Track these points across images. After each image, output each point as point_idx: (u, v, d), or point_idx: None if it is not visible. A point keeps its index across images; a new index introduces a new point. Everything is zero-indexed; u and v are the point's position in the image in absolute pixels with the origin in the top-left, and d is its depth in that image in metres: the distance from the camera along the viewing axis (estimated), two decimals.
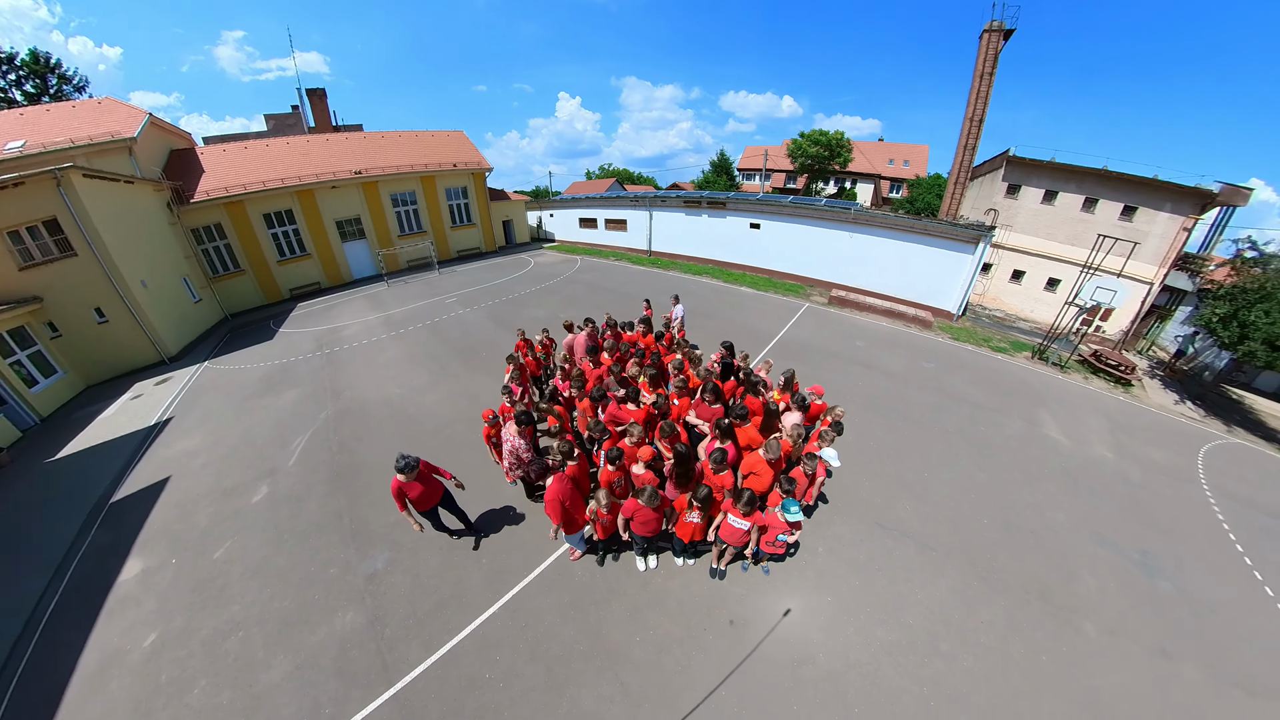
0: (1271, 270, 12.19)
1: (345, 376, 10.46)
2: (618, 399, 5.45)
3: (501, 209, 24.70)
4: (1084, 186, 16.23)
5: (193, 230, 15.67)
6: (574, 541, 4.99)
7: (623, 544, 5.19)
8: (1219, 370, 14.90)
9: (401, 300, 16.30)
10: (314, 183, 17.38)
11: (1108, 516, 7.25)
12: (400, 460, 4.41)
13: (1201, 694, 4.69)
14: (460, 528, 5.59)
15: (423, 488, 4.66)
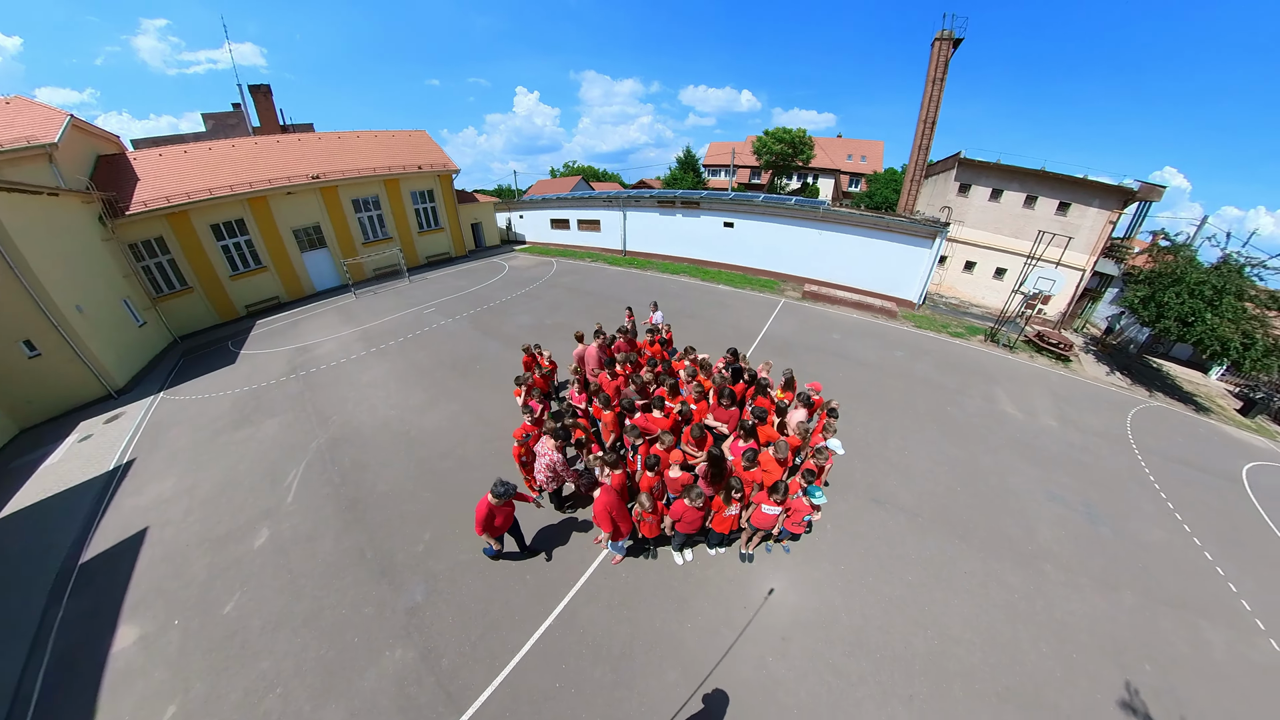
0: (1181, 258, 14.35)
1: (330, 400, 9.92)
2: (642, 408, 5.96)
3: (470, 211, 24.45)
4: (1025, 185, 18.34)
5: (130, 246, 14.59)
6: (616, 548, 5.37)
7: (654, 543, 5.69)
8: (1141, 344, 17.27)
9: (375, 312, 15.64)
10: (267, 189, 16.63)
11: (1057, 477, 8.58)
12: (499, 486, 4.47)
13: (1139, 614, 5.91)
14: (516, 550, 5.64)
15: (509, 512, 4.83)
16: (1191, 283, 13.50)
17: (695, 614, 5.18)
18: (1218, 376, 16.69)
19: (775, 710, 4.37)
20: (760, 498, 4.92)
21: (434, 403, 9.61)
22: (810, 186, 36.21)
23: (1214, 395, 15.27)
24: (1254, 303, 13.04)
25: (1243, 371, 13.81)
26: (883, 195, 26.96)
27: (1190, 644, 5.63)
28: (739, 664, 4.73)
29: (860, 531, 6.56)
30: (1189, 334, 13.46)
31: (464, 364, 11.40)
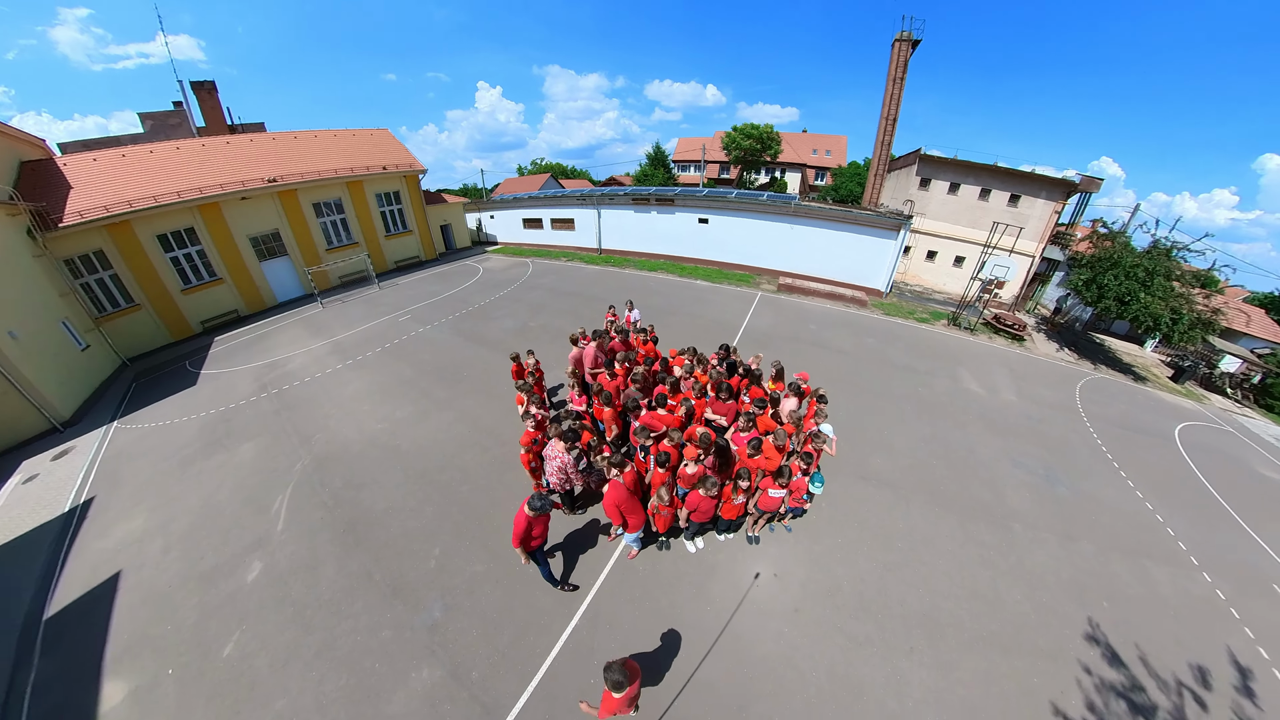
0: (1118, 243, 15.91)
1: (309, 418, 9.47)
2: (647, 406, 6.21)
3: (439, 213, 23.99)
4: (980, 179, 19.80)
5: (66, 261, 13.55)
6: (631, 541, 5.59)
7: (667, 535, 6.01)
8: (1085, 321, 18.98)
9: (346, 322, 15.09)
10: (219, 194, 15.82)
11: (1019, 446, 9.49)
12: (538, 500, 4.37)
13: (1096, 560, 6.77)
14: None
15: (546, 524, 4.82)
16: (1127, 266, 15.03)
17: (713, 598, 5.55)
18: (1152, 348, 18.56)
19: (796, 676, 4.82)
20: (766, 483, 5.32)
21: (424, 414, 9.39)
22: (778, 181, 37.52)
23: (1149, 365, 17.02)
24: (1180, 281, 14.65)
25: (1172, 343, 15.51)
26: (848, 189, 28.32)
27: (1140, 582, 6.49)
28: (760, 638, 5.16)
29: (852, 507, 7.13)
30: (1126, 311, 15.01)
31: (451, 372, 11.17)
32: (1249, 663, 5.55)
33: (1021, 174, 18.93)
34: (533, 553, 4.88)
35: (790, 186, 38.15)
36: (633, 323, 10.12)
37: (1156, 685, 5.15)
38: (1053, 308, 20.42)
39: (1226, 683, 5.27)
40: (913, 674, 4.90)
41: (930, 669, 4.96)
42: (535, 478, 6.34)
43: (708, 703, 4.52)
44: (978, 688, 4.84)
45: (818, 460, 6.08)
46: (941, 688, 4.80)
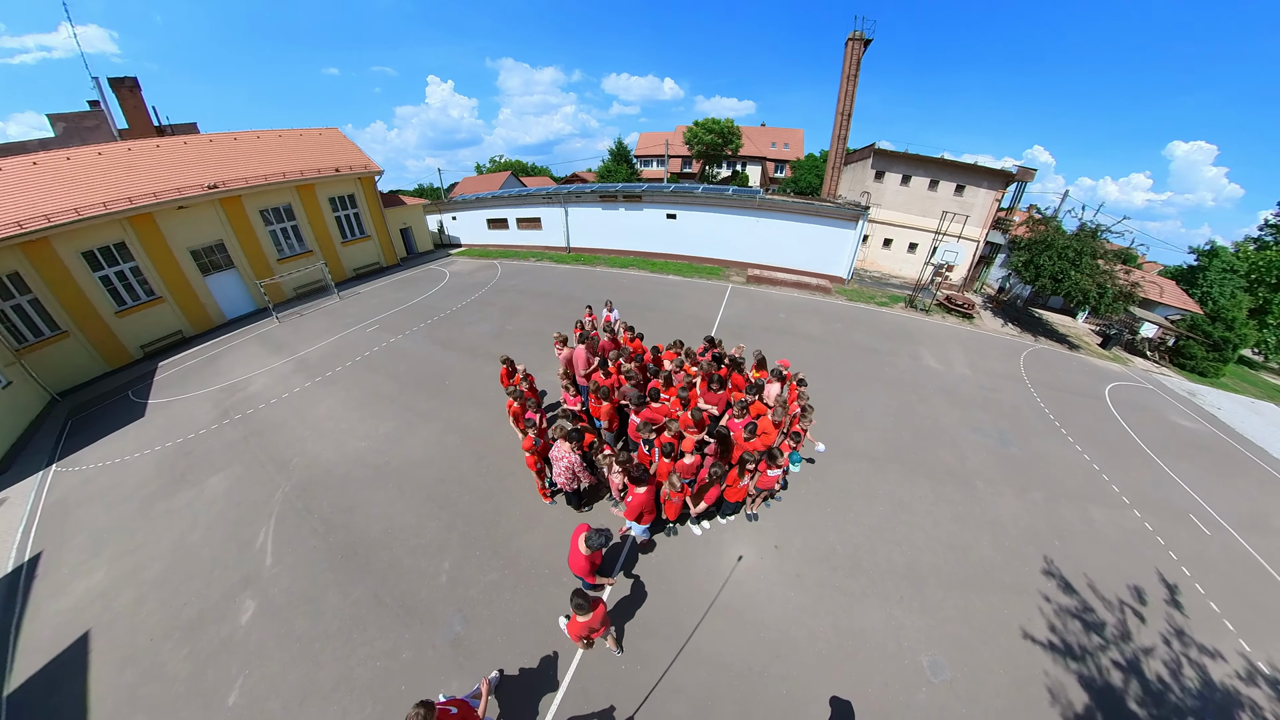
0: (1050, 227, 17.64)
1: (283, 442, 8.91)
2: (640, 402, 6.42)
3: (398, 216, 23.20)
4: (929, 171, 21.36)
5: None
6: (641, 532, 5.76)
7: (676, 522, 6.32)
8: (1025, 298, 20.87)
9: (308, 337, 14.20)
10: (152, 204, 14.65)
11: (975, 413, 10.49)
12: (596, 538, 4.28)
13: (1046, 506, 7.70)
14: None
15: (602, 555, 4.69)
16: (1059, 247, 16.73)
17: (723, 574, 5.91)
18: (1083, 320, 20.68)
19: (806, 633, 5.30)
20: (764, 464, 5.76)
21: (410, 427, 9.08)
22: (740, 174, 38.66)
23: (1081, 334, 18.97)
24: (1105, 259, 16.45)
25: (1100, 314, 17.40)
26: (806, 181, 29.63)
27: (1083, 522, 7.46)
28: (770, 604, 5.61)
29: (836, 480, 7.74)
30: (1059, 288, 16.72)
31: (431, 382, 10.86)
32: (1174, 580, 6.57)
33: (966, 166, 20.58)
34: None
35: (752, 180, 39.39)
36: (613, 321, 10.25)
37: (1103, 605, 6.02)
38: (996, 287, 22.31)
39: (1158, 598, 6.23)
40: (905, 619, 5.51)
41: (919, 613, 5.59)
42: (540, 478, 6.50)
43: (735, 669, 4.91)
44: (960, 624, 5.52)
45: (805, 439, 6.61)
46: (931, 627, 5.44)
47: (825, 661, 5.01)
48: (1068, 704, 4.86)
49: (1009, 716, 4.68)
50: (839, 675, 4.90)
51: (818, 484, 7.59)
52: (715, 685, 4.76)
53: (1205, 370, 17.35)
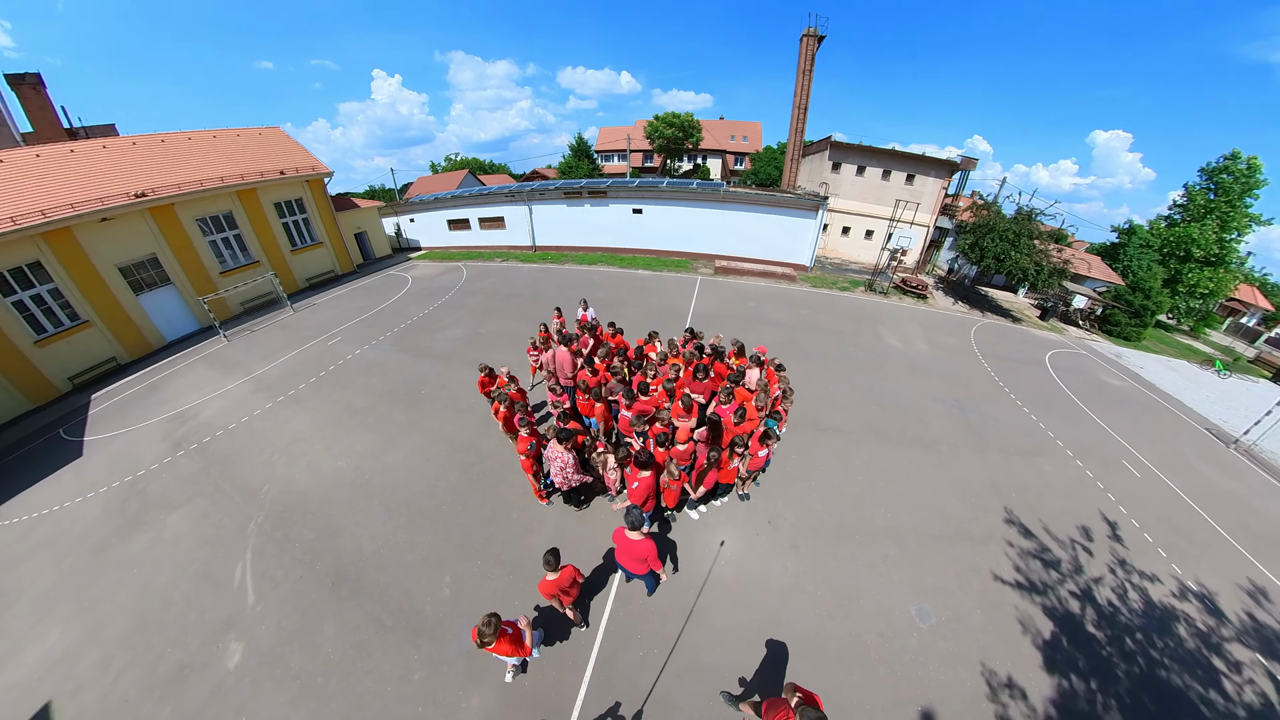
0: (991, 211, 19.08)
1: (249, 469, 8.27)
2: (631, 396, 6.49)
3: (351, 220, 22.14)
4: (882, 162, 22.57)
5: None
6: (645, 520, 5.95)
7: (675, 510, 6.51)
8: (972, 277, 22.45)
9: (263, 354, 13.17)
10: (70, 217, 13.22)
11: (934, 384, 11.30)
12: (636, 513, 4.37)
13: (1003, 463, 8.45)
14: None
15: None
16: (1000, 230, 18.15)
17: (724, 553, 6.16)
18: (1023, 295, 22.47)
19: (806, 598, 5.65)
20: (754, 447, 6.02)
21: (390, 441, 8.66)
22: (701, 167, 39.36)
23: (1022, 308, 20.64)
24: (1040, 240, 17.98)
25: (1037, 289, 18.98)
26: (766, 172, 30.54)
27: (1035, 474, 8.26)
28: (770, 574, 5.91)
29: (816, 454, 8.18)
30: (1002, 267, 18.14)
31: (407, 392, 10.35)
32: (1114, 518, 7.43)
33: (915, 156, 21.90)
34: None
35: (713, 172, 40.17)
36: (590, 319, 10.19)
37: (1057, 545, 6.72)
38: (946, 269, 23.87)
39: (1102, 535, 7.03)
40: (892, 574, 5.98)
41: (903, 568, 6.08)
42: (536, 480, 6.47)
43: (749, 639, 5.18)
44: (939, 573, 6.04)
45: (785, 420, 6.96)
46: (914, 579, 5.94)
47: (827, 621, 5.37)
48: (1036, 633, 5.44)
49: (988, 649, 5.19)
50: (841, 631, 5.27)
51: (800, 459, 7.99)
52: (731, 655, 5.00)
53: (1129, 335, 19.30)
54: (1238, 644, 5.68)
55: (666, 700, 4.64)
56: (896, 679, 4.84)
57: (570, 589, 4.41)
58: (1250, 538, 7.57)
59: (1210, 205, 20.73)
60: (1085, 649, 5.36)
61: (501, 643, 3.82)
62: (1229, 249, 20.60)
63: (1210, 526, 7.73)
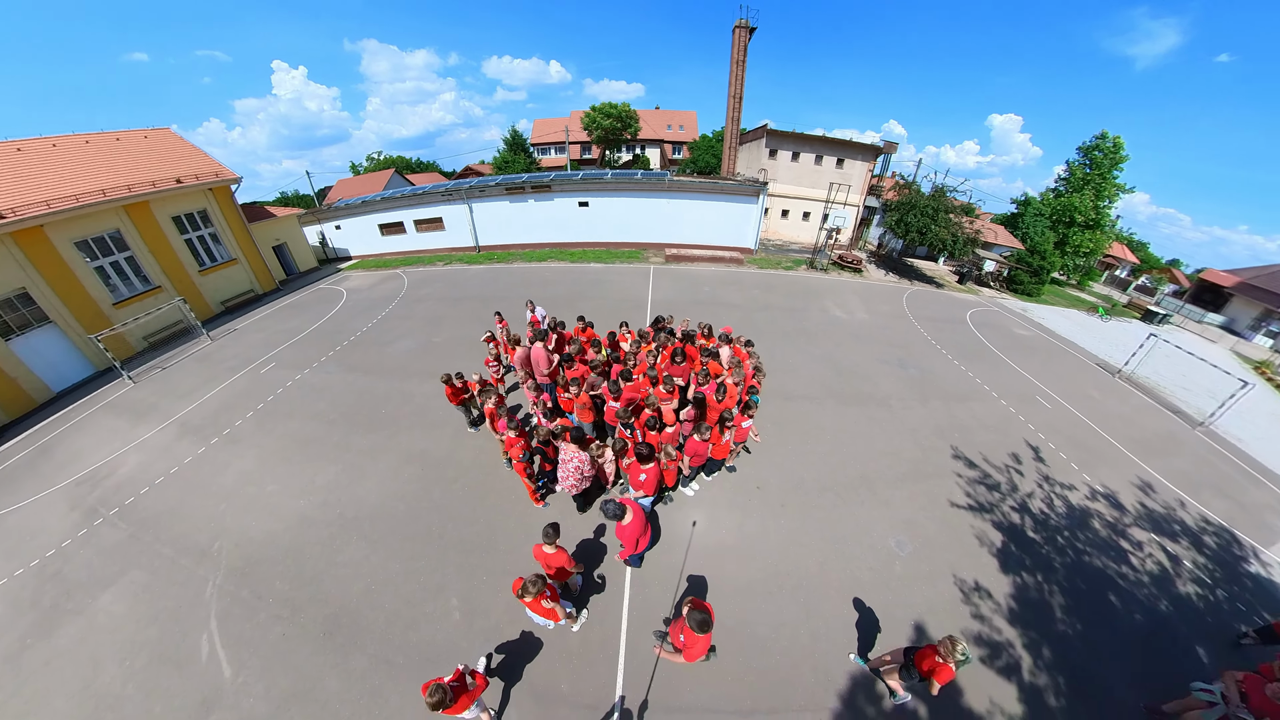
0: (912, 190, 21.07)
1: (191, 527, 7.27)
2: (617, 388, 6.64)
3: (267, 231, 20.21)
4: (814, 148, 24.11)
5: None
6: (648, 503, 5.98)
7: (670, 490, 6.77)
8: (899, 250, 24.70)
9: (181, 393, 11.42)
10: None
11: (878, 348, 12.52)
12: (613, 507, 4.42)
13: (943, 409, 9.60)
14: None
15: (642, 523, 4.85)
16: (920, 207, 20.14)
17: (722, 523, 6.62)
18: (943, 263, 25.05)
19: (802, 549, 6.25)
20: (738, 419, 6.44)
21: (357, 469, 8.03)
22: (641, 157, 39.77)
23: (943, 275, 23.04)
24: (954, 214, 20.14)
25: (954, 257, 21.26)
26: (705, 160, 31.48)
27: (970, 415, 9.53)
28: (768, 534, 6.45)
29: (788, 422, 8.89)
30: (924, 240, 20.18)
31: (365, 414, 9.63)
32: (1036, 443, 8.82)
33: (844, 142, 23.64)
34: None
35: (652, 162, 40.73)
36: (540, 320, 9.99)
37: (995, 470, 7.90)
38: (876, 244, 26.04)
39: (1029, 458, 8.34)
40: (869, 516, 6.79)
41: (877, 508, 6.91)
42: (531, 482, 6.44)
43: (757, 594, 5.66)
44: (907, 508, 6.94)
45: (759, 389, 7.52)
46: (888, 515, 6.78)
47: (824, 568, 6.01)
48: (990, 544, 6.47)
49: (956, 563, 6.13)
50: (837, 573, 5.94)
51: (775, 428, 8.63)
52: (744, 612, 5.45)
53: (1030, 291, 22.17)
54: (1137, 528, 7.10)
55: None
56: (891, 603, 5.60)
57: (558, 575, 4.55)
58: (1136, 446, 9.29)
59: (1087, 178, 24.16)
60: (1028, 550, 6.45)
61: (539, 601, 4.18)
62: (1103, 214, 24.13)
63: (1107, 441, 9.38)
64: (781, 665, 4.96)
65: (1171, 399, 12.29)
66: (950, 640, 3.73)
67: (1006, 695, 4.89)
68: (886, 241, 24.96)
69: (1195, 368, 13.48)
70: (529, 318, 9.98)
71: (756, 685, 4.80)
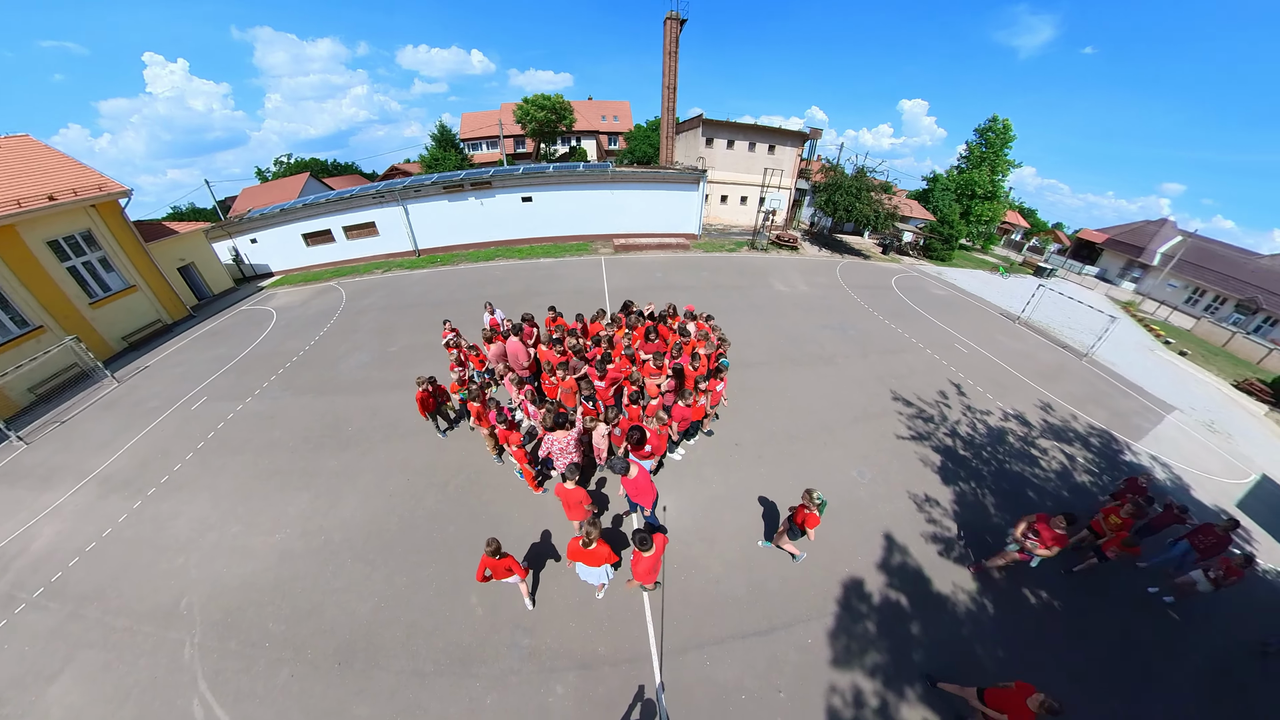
0: (837, 172, 22.91)
1: (143, 589, 6.51)
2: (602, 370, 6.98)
3: (169, 251, 18.02)
4: (748, 136, 25.47)
5: None
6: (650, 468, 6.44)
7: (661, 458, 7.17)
8: (829, 228, 26.73)
9: (92, 447, 9.76)
10: None
11: (822, 316, 13.78)
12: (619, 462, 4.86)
13: (880, 361, 11.00)
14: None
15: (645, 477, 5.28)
16: (845, 187, 21.99)
17: (711, 479, 7.26)
18: (868, 237, 27.44)
19: (785, 490, 7.00)
20: (712, 384, 7.08)
21: (333, 493, 7.61)
22: (578, 150, 39.65)
23: (869, 248, 25.29)
24: (875, 191, 22.17)
25: (878, 231, 23.41)
26: (642, 151, 32.07)
27: (903, 364, 10.94)
28: (751, 484, 7.17)
29: (751, 386, 9.76)
30: (850, 217, 22.08)
31: (329, 435, 9.10)
32: (958, 381, 10.35)
33: (774, 129, 25.19)
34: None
35: (590, 154, 40.75)
36: (500, 322, 9.83)
37: (929, 406, 9.23)
38: (809, 223, 27.98)
39: (954, 394, 9.79)
40: (832, 455, 7.83)
41: (838, 448, 7.95)
42: (531, 467, 6.69)
43: (754, 534, 6.37)
44: (863, 443, 8.08)
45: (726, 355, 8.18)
46: (848, 453, 7.86)
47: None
48: (932, 464, 7.71)
49: (907, 482, 7.34)
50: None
51: (741, 392, 9.44)
52: (745, 550, 6.12)
53: (943, 257, 24.90)
54: (1042, 439, 8.76)
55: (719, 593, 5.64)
56: (863, 522, 6.60)
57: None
58: (1036, 376, 11.19)
59: (983, 156, 27.46)
60: (962, 465, 7.75)
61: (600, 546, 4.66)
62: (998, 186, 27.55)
63: (1013, 374, 11.20)
64: (785, 588, 5.69)
65: (1060, 337, 14.62)
66: (808, 492, 5.01)
67: (963, 577, 6.03)
68: (818, 220, 26.93)
69: (1077, 310, 16.08)
70: (487, 320, 9.72)
71: (768, 607, 5.48)
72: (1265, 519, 7.92)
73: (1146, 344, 17.47)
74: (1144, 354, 15.81)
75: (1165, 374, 14.26)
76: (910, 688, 4.86)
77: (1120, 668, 5.22)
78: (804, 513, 5.01)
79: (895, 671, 4.97)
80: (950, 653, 5.18)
